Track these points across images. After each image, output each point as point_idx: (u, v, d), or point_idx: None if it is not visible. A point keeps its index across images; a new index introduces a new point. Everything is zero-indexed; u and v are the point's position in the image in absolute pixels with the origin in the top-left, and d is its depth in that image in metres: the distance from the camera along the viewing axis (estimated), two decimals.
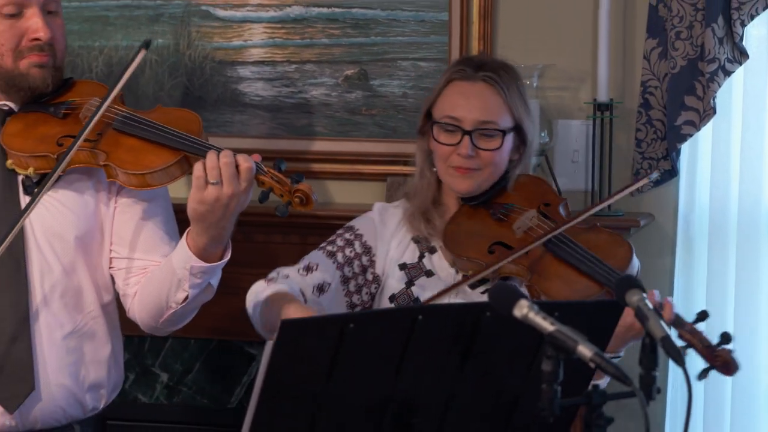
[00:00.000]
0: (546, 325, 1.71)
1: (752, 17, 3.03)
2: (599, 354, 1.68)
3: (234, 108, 3.42)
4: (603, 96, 3.14)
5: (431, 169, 2.63)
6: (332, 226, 3.22)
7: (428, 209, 2.62)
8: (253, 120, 3.41)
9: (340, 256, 2.61)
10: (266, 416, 1.83)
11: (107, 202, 2.50)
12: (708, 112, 3.05)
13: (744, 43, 3.04)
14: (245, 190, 2.29)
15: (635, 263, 2.53)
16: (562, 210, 2.59)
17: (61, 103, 2.49)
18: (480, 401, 1.96)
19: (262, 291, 2.51)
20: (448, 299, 2.55)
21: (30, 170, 2.42)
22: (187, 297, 2.39)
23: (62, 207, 2.45)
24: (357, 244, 2.63)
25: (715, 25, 3.00)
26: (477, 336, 1.90)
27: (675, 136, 3.08)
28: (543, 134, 3.15)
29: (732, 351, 2.27)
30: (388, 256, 2.63)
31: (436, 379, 1.92)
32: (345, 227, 2.68)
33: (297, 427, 1.86)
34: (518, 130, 2.59)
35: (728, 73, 3.04)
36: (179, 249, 2.39)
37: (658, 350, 1.76)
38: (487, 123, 2.56)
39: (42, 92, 2.47)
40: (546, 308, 1.74)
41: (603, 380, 2.31)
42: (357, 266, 2.61)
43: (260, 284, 2.55)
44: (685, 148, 3.16)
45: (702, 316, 2.30)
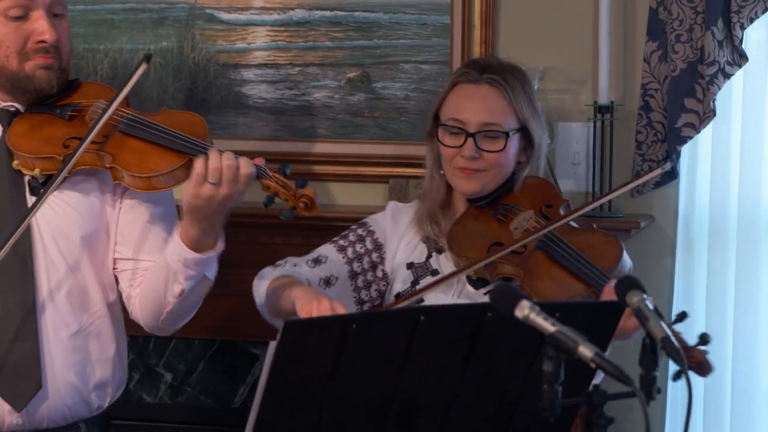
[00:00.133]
0: (547, 326, 1.71)
1: (752, 20, 3.03)
2: (600, 354, 1.68)
3: (237, 110, 3.42)
4: (603, 98, 3.14)
5: (440, 172, 2.63)
6: (335, 228, 3.22)
7: (436, 211, 2.62)
8: (257, 122, 3.41)
9: (350, 251, 2.63)
10: (269, 416, 1.83)
11: (113, 203, 2.50)
12: (708, 115, 3.05)
13: (743, 46, 3.04)
14: (242, 192, 2.33)
15: (626, 263, 2.51)
16: (563, 211, 2.59)
17: (67, 105, 2.49)
18: (482, 401, 1.96)
19: (269, 274, 2.56)
20: (451, 300, 2.56)
21: (36, 171, 2.42)
22: (183, 290, 2.39)
23: (68, 207, 2.46)
24: (368, 241, 2.64)
25: (715, 28, 3.00)
26: (479, 336, 1.90)
27: (675, 139, 3.08)
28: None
29: (707, 352, 2.28)
30: (397, 255, 2.63)
31: (438, 380, 1.92)
32: (359, 223, 2.69)
33: (300, 427, 1.86)
34: (524, 132, 2.59)
35: (728, 76, 3.04)
36: (172, 243, 2.40)
37: (659, 351, 1.76)
38: (491, 125, 2.56)
39: (47, 94, 2.47)
40: (547, 309, 1.74)
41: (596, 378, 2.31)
42: (367, 262, 2.62)
43: (268, 269, 2.59)
44: (685, 150, 3.16)
45: (681, 317, 2.30)
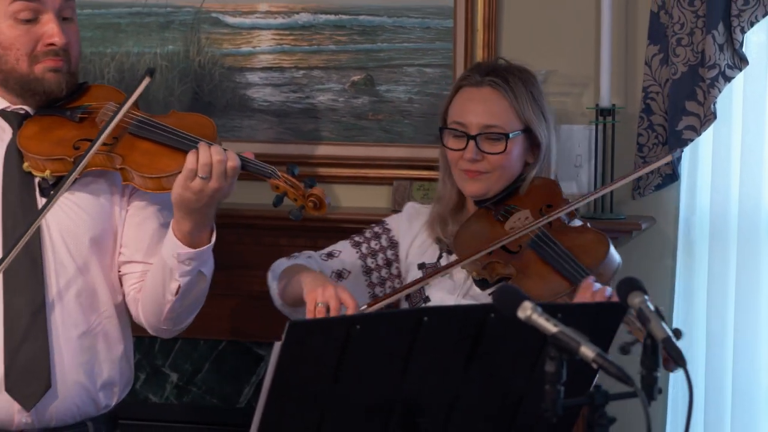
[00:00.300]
0: (549, 327, 1.71)
1: (752, 24, 3.02)
2: (602, 355, 1.68)
3: (242, 113, 3.42)
4: (605, 101, 3.14)
5: (450, 175, 2.63)
6: (339, 229, 3.23)
7: (447, 214, 2.62)
8: (262, 125, 3.41)
9: (365, 247, 2.65)
10: (274, 416, 1.83)
11: (121, 205, 2.50)
12: (708, 117, 3.04)
13: (744, 50, 3.04)
14: (230, 186, 2.35)
15: (613, 260, 2.49)
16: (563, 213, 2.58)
17: (77, 108, 2.49)
18: (485, 402, 1.96)
19: (282, 264, 2.60)
20: (455, 300, 2.56)
21: (46, 173, 2.42)
22: (180, 287, 2.39)
23: (78, 209, 2.46)
24: (384, 238, 2.66)
25: (716, 32, 3.00)
26: (481, 337, 1.90)
27: (676, 141, 3.08)
28: None
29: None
30: (409, 255, 2.65)
31: (441, 380, 1.92)
32: (378, 222, 2.70)
33: (304, 427, 1.86)
34: (529, 133, 2.59)
35: (728, 79, 3.03)
36: (166, 240, 2.40)
37: (660, 351, 1.75)
38: (491, 127, 2.56)
39: (57, 97, 2.48)
40: (549, 310, 1.74)
41: None
42: (381, 259, 2.64)
43: (282, 259, 2.63)
44: (686, 153, 3.16)
45: (675, 334, 2.30)
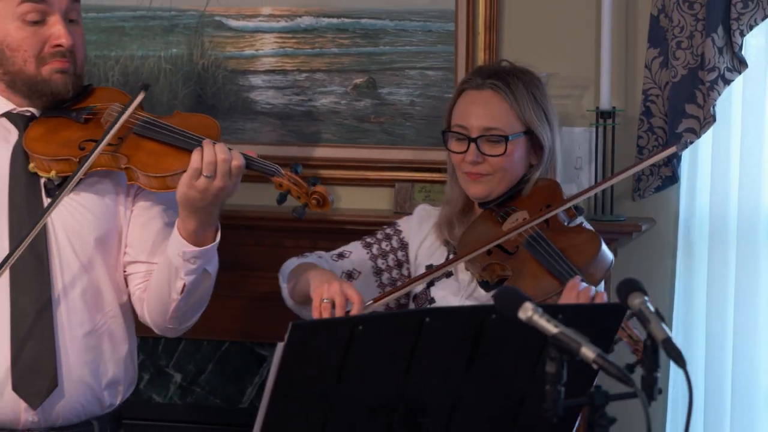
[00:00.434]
0: (550, 328, 1.71)
1: (751, 27, 3.02)
2: (602, 355, 1.68)
3: (246, 116, 3.43)
4: (605, 104, 3.13)
5: (457, 178, 2.63)
6: (341, 231, 3.23)
7: (454, 217, 2.63)
8: (265, 127, 3.41)
9: (375, 248, 2.65)
10: (277, 416, 1.82)
11: (126, 205, 2.51)
12: (708, 120, 3.04)
13: (743, 53, 3.04)
14: (235, 184, 2.34)
15: (605, 260, 2.48)
16: (562, 213, 2.57)
17: (83, 109, 2.50)
18: (486, 402, 1.96)
19: (292, 263, 2.62)
20: (459, 301, 2.56)
21: (52, 173, 2.43)
22: (185, 285, 2.40)
23: (83, 209, 2.46)
24: (395, 239, 2.67)
25: (715, 35, 3.00)
26: (483, 338, 1.90)
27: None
28: None
29: None
30: (418, 256, 2.65)
31: (443, 380, 1.91)
32: (390, 223, 2.71)
33: (307, 427, 1.86)
34: (531, 135, 2.59)
35: (728, 82, 3.03)
36: (172, 239, 2.40)
37: (660, 352, 1.75)
38: (491, 129, 2.56)
39: (63, 98, 2.48)
40: (550, 311, 1.74)
41: None
42: (392, 260, 2.65)
43: (292, 259, 2.64)
44: (686, 155, 3.16)
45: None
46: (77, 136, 2.45)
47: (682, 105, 3.06)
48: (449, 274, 2.60)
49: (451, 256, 2.60)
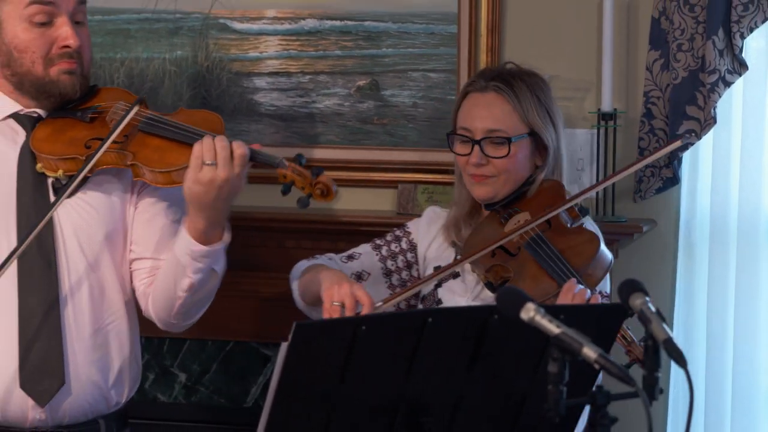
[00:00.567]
0: (552, 328, 1.71)
1: (751, 30, 3.02)
2: (603, 356, 1.68)
3: (250, 117, 3.43)
4: (607, 106, 3.13)
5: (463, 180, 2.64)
6: (344, 232, 3.23)
7: (461, 219, 2.62)
8: (269, 129, 3.41)
9: (385, 250, 2.65)
10: (281, 416, 1.82)
11: (131, 203, 2.51)
12: (709, 122, 3.04)
13: (743, 55, 3.04)
14: (239, 175, 2.32)
15: (603, 260, 2.48)
16: (564, 214, 2.57)
17: (88, 108, 2.50)
18: (488, 402, 1.96)
19: (303, 264, 2.62)
20: (466, 302, 2.55)
21: (59, 172, 2.43)
22: (193, 284, 2.40)
23: (89, 208, 2.46)
24: (404, 241, 2.67)
25: (716, 38, 3.00)
26: (485, 338, 1.90)
27: None
28: None
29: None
30: (427, 257, 2.65)
31: (445, 380, 1.91)
32: (399, 225, 2.71)
33: (311, 426, 1.86)
34: (535, 136, 2.58)
35: (728, 84, 3.03)
36: (180, 237, 2.40)
37: (661, 352, 1.75)
38: (495, 131, 2.56)
39: (71, 99, 2.49)
40: (552, 311, 1.74)
41: None
42: (401, 261, 2.65)
43: (302, 261, 2.64)
44: (687, 157, 3.16)
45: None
46: (83, 135, 2.45)
47: (683, 107, 3.06)
48: (456, 275, 2.60)
49: (458, 257, 2.60)
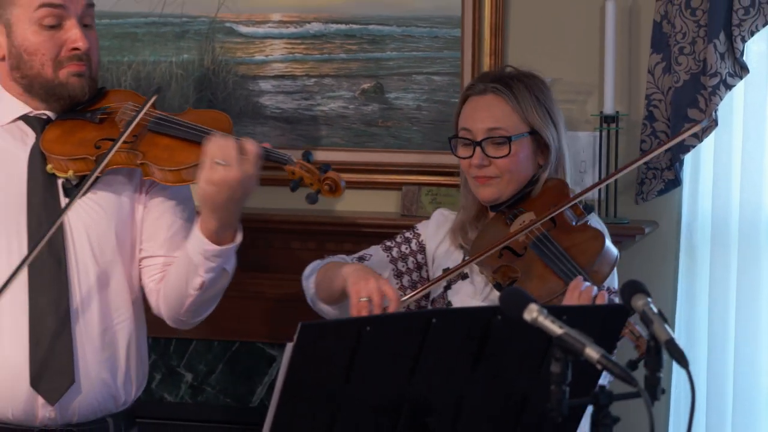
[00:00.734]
0: (555, 329, 1.71)
1: (752, 33, 3.02)
2: (606, 356, 1.68)
3: (255, 120, 3.43)
4: (609, 109, 3.13)
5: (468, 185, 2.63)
6: (349, 233, 3.23)
7: (467, 223, 2.62)
8: (274, 131, 3.41)
9: (395, 251, 2.65)
10: (286, 416, 1.82)
11: (140, 203, 2.52)
12: (710, 124, 3.04)
13: (744, 58, 3.03)
14: (251, 174, 2.32)
15: (609, 256, 2.47)
16: (569, 212, 2.56)
17: (97, 110, 2.51)
18: (491, 401, 1.95)
19: (318, 264, 2.61)
20: (475, 303, 2.55)
21: (70, 173, 2.43)
22: (204, 283, 2.40)
23: (99, 208, 2.47)
24: (414, 243, 2.66)
25: (717, 41, 2.99)
26: (488, 339, 1.90)
27: (678, 147, 3.07)
28: None
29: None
30: (435, 259, 2.65)
31: (449, 380, 1.91)
32: (409, 227, 2.71)
33: (316, 426, 1.86)
34: (536, 135, 2.58)
35: (729, 87, 3.03)
36: (193, 236, 2.40)
37: (663, 353, 1.75)
38: (495, 131, 2.56)
39: (80, 101, 2.49)
40: (554, 312, 1.74)
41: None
42: (411, 263, 2.64)
43: (316, 261, 2.63)
44: (688, 159, 3.15)
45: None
46: (93, 136, 2.46)
47: (685, 109, 3.05)
48: (465, 276, 2.59)
49: (466, 259, 2.60)
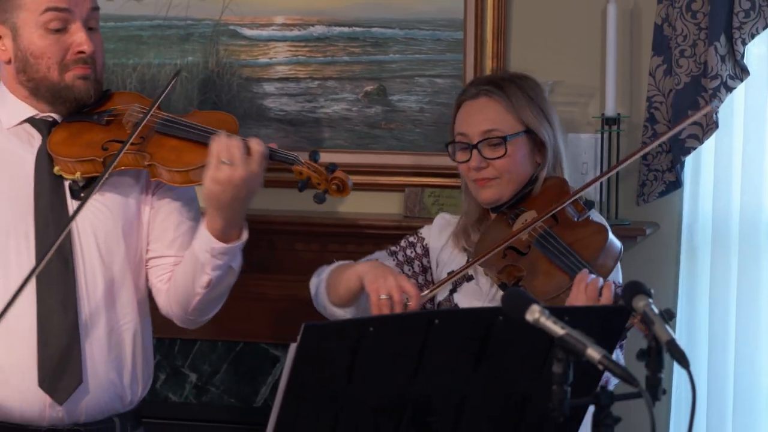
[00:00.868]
0: (556, 329, 1.71)
1: (753, 36, 3.02)
2: (607, 357, 1.68)
3: (260, 122, 3.43)
4: (611, 111, 3.13)
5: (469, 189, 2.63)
6: (352, 235, 3.23)
7: (469, 226, 2.62)
8: (278, 134, 3.41)
9: (401, 255, 2.65)
10: (290, 416, 1.82)
11: (147, 204, 2.52)
12: (711, 126, 3.04)
13: (745, 61, 3.03)
14: (257, 174, 2.32)
15: (613, 249, 2.47)
16: (570, 209, 2.56)
17: (104, 112, 2.51)
18: (493, 402, 1.95)
19: (326, 268, 2.59)
20: (482, 305, 2.55)
21: (77, 175, 2.44)
22: (211, 281, 2.40)
23: (106, 209, 2.47)
24: (419, 246, 2.66)
25: (718, 44, 2.99)
26: (490, 339, 1.89)
27: (679, 149, 3.08)
28: None
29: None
30: (439, 263, 2.65)
31: (451, 381, 1.91)
32: (412, 232, 2.71)
33: (319, 426, 1.86)
34: (532, 134, 2.58)
35: (730, 89, 3.03)
36: (199, 235, 2.41)
37: (664, 353, 1.75)
38: (490, 131, 2.56)
39: (85, 103, 2.49)
40: (556, 312, 1.74)
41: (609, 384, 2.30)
42: (417, 266, 2.64)
43: (324, 266, 2.62)
44: (689, 161, 3.15)
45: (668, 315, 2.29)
46: (100, 138, 2.46)
47: (686, 112, 3.05)
48: (470, 278, 2.59)
49: (470, 260, 2.60)
